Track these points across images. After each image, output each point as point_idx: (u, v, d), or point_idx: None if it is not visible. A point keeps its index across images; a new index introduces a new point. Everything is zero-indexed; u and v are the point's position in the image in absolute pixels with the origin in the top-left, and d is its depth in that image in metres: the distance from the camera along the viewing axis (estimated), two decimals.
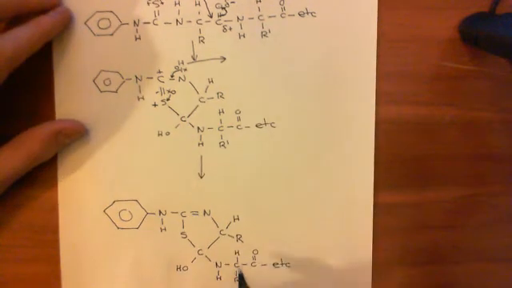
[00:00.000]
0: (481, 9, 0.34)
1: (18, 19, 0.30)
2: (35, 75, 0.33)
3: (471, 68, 0.34)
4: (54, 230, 0.34)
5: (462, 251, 0.36)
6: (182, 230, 0.34)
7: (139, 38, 0.33)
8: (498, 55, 0.31)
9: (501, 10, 0.33)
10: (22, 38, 0.28)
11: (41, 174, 0.33)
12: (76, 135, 0.32)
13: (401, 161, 0.35)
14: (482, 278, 0.36)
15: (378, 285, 0.35)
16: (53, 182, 0.34)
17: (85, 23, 0.32)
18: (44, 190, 0.34)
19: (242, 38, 0.33)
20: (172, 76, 0.33)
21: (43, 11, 0.31)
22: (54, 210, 0.34)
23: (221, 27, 0.33)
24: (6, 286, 0.34)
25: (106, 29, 0.32)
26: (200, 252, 0.35)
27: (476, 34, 0.32)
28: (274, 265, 0.35)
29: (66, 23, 0.32)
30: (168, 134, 0.33)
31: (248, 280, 0.34)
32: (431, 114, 0.35)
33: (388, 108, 0.34)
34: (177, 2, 0.33)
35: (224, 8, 0.33)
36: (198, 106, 0.33)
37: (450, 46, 0.34)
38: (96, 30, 0.32)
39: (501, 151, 0.35)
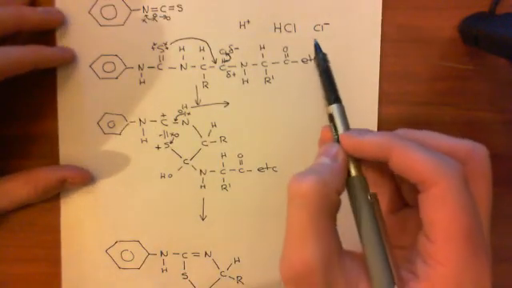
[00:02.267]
0: (481, 9, 0.34)
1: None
2: (36, 76, 0.33)
3: (471, 68, 0.34)
4: (54, 230, 0.34)
5: None
6: (183, 271, 0.35)
7: (143, 82, 0.33)
8: (498, 55, 0.31)
9: (501, 10, 0.33)
10: (13, 54, 0.28)
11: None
12: (81, 184, 0.33)
13: None
14: None
15: None
16: None
17: (90, 66, 0.33)
18: None
19: (245, 83, 0.33)
20: (175, 119, 0.33)
21: (44, 31, 0.32)
22: (54, 210, 0.34)
23: (225, 72, 0.33)
24: (6, 286, 0.34)
25: (110, 72, 0.33)
26: None
27: (476, 34, 0.32)
28: None
29: (66, 60, 0.32)
30: (171, 176, 0.34)
31: None
32: (431, 114, 0.35)
33: (388, 108, 0.34)
34: (181, 47, 0.33)
35: (228, 54, 0.33)
36: (200, 149, 0.34)
37: (450, 45, 0.34)
38: (101, 74, 0.33)
39: (501, 151, 0.35)
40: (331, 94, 0.25)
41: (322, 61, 0.26)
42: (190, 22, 0.33)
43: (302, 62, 0.33)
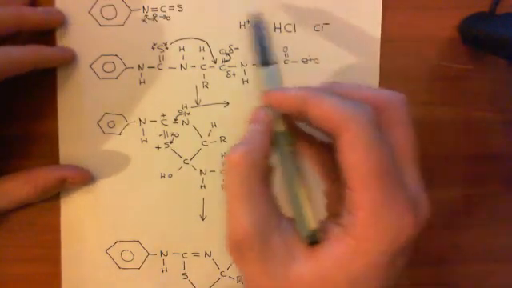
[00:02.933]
0: (481, 9, 0.34)
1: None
2: (36, 76, 0.33)
3: (471, 68, 0.34)
4: (54, 230, 0.34)
5: (462, 251, 0.36)
6: (183, 271, 0.35)
7: (143, 82, 0.33)
8: (498, 55, 0.31)
9: (501, 10, 0.33)
10: (13, 54, 0.28)
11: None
12: (81, 184, 0.33)
13: None
14: (481, 278, 0.36)
15: None
16: None
17: (90, 66, 0.33)
18: None
19: (245, 83, 0.33)
20: (175, 119, 0.33)
21: (44, 31, 0.32)
22: (54, 210, 0.34)
23: (225, 72, 0.33)
24: (6, 286, 0.34)
25: (110, 72, 0.33)
26: None
27: (476, 34, 0.32)
28: None
29: (66, 60, 0.32)
30: (171, 176, 0.34)
31: None
32: (431, 114, 0.35)
33: None
34: (181, 47, 0.33)
35: (228, 54, 0.33)
36: (200, 149, 0.34)
37: (450, 46, 0.34)
38: (101, 74, 0.33)
39: (501, 151, 0.35)
40: (263, 57, 0.25)
41: (257, 28, 0.25)
42: (190, 22, 0.33)
43: (302, 62, 0.33)
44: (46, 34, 0.32)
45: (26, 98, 0.33)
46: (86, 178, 0.33)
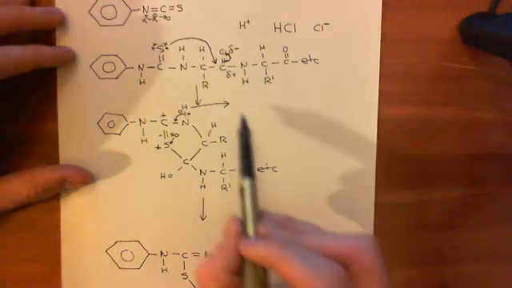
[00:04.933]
0: (481, 9, 0.34)
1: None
2: (36, 76, 0.33)
3: (471, 68, 0.34)
4: (54, 230, 0.34)
5: (461, 251, 0.36)
6: (183, 271, 0.35)
7: (143, 82, 0.33)
8: (498, 55, 0.31)
9: (501, 10, 0.33)
10: (13, 54, 0.28)
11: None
12: (81, 184, 0.33)
13: (401, 161, 0.35)
14: (481, 278, 0.37)
15: None
16: None
17: (90, 66, 0.33)
18: None
19: (245, 83, 0.33)
20: (175, 119, 0.33)
21: (44, 31, 0.32)
22: (54, 210, 0.34)
23: (225, 73, 0.33)
24: (6, 286, 0.34)
25: (110, 72, 0.33)
26: None
27: (476, 34, 0.32)
28: None
29: (66, 60, 0.32)
30: (170, 176, 0.34)
31: None
32: (431, 114, 0.35)
33: (388, 108, 0.34)
34: (181, 47, 0.33)
35: (228, 54, 0.33)
36: (200, 149, 0.34)
37: (450, 45, 0.34)
38: (101, 74, 0.33)
39: (501, 151, 0.35)
40: (247, 167, 0.25)
41: (244, 136, 0.26)
42: (190, 22, 0.33)
43: (302, 61, 0.33)
44: (45, 34, 0.32)
45: (26, 98, 0.33)
46: (86, 178, 0.33)
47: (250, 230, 0.25)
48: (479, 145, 0.35)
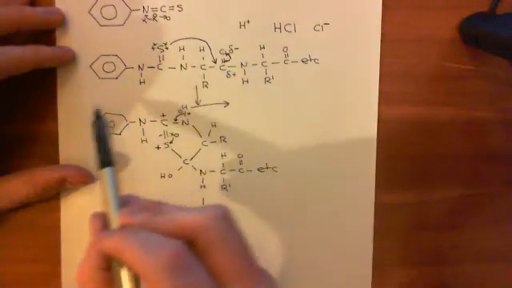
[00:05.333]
0: (481, 9, 0.34)
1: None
2: (36, 76, 0.33)
3: (471, 68, 0.34)
4: (54, 230, 0.34)
5: (461, 251, 0.36)
6: None
7: (143, 82, 0.33)
8: (498, 55, 0.31)
9: (501, 9, 0.33)
10: (13, 54, 0.28)
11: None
12: (81, 184, 0.33)
13: (401, 161, 0.35)
14: (481, 278, 0.36)
15: (378, 285, 0.35)
16: None
17: (90, 66, 0.33)
18: None
19: (245, 83, 0.33)
20: (175, 119, 0.33)
21: (44, 31, 0.31)
22: (54, 210, 0.34)
23: (225, 73, 0.33)
24: (6, 286, 0.34)
25: (110, 72, 0.33)
26: None
27: (476, 34, 0.32)
28: None
29: (67, 60, 0.32)
30: (171, 176, 0.34)
31: None
32: (431, 114, 0.35)
33: (388, 108, 0.34)
34: (181, 47, 0.33)
35: (228, 54, 0.33)
36: (200, 149, 0.34)
37: (450, 46, 0.34)
38: (101, 74, 0.33)
39: (501, 151, 0.35)
40: (102, 158, 0.25)
41: (97, 127, 0.25)
42: (190, 22, 0.33)
43: (302, 61, 0.33)
44: (45, 34, 0.32)
45: (26, 98, 0.33)
46: (85, 178, 0.33)
47: (113, 223, 0.24)
48: (479, 145, 0.35)
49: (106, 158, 0.25)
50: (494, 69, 0.35)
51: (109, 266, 0.23)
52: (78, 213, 0.34)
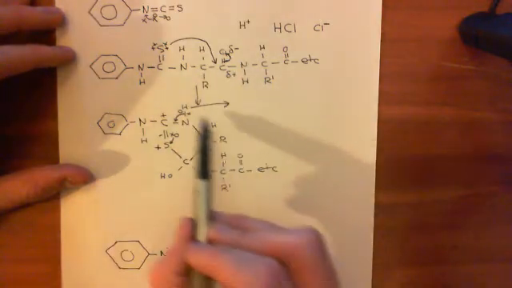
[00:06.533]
0: (481, 9, 0.34)
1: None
2: (36, 76, 0.33)
3: (471, 68, 0.34)
4: (54, 230, 0.34)
5: (461, 251, 0.36)
6: None
7: (143, 82, 0.33)
8: (498, 55, 0.31)
9: (501, 9, 0.33)
10: (13, 53, 0.28)
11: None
12: (81, 183, 0.33)
13: (401, 161, 0.35)
14: (481, 278, 0.37)
15: (378, 285, 0.35)
16: None
17: (90, 66, 0.33)
18: None
19: (245, 83, 0.33)
20: (175, 119, 0.33)
21: (44, 31, 0.31)
22: (54, 210, 0.34)
23: (225, 73, 0.33)
24: (6, 286, 0.34)
25: (110, 72, 0.33)
26: None
27: (476, 34, 0.32)
28: None
29: (67, 59, 0.32)
30: (170, 176, 0.34)
31: None
32: (431, 114, 0.35)
33: (388, 108, 0.34)
34: (181, 47, 0.33)
35: (228, 54, 0.33)
36: None
37: (450, 46, 0.34)
38: (101, 74, 0.33)
39: (501, 151, 0.36)
40: (203, 169, 0.25)
41: (204, 138, 0.26)
42: (190, 22, 0.33)
43: (302, 61, 0.33)
44: (45, 34, 0.32)
45: (26, 98, 0.33)
46: (86, 178, 0.33)
47: (201, 234, 0.25)
48: (479, 145, 0.35)
49: (206, 170, 0.25)
50: (494, 69, 0.35)
51: (187, 272, 0.24)
52: (78, 213, 0.34)
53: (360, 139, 0.34)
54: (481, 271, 0.36)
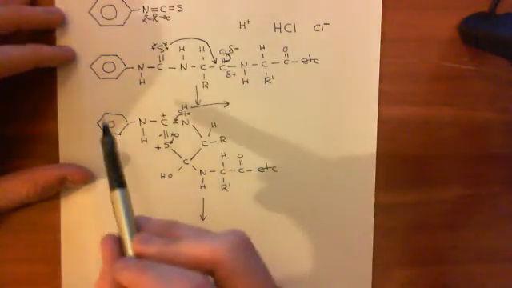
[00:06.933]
0: (481, 9, 0.34)
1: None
2: (36, 76, 0.33)
3: (471, 68, 0.34)
4: (54, 230, 0.34)
5: (462, 251, 0.36)
6: None
7: (143, 82, 0.33)
8: (498, 55, 0.31)
9: (501, 9, 0.33)
10: (13, 53, 0.28)
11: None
12: (81, 183, 0.33)
13: (401, 161, 0.35)
14: (481, 278, 0.37)
15: (378, 285, 0.35)
16: None
17: (90, 66, 0.33)
18: None
19: (245, 83, 0.33)
20: (175, 119, 0.33)
21: (44, 30, 0.31)
22: (54, 210, 0.34)
23: (225, 73, 0.33)
24: (6, 286, 0.34)
25: (110, 72, 0.33)
26: None
27: (476, 34, 0.32)
28: None
29: (67, 59, 0.32)
30: (170, 176, 0.34)
31: None
32: (431, 114, 0.35)
33: (388, 108, 0.34)
34: (181, 47, 0.33)
35: (228, 54, 0.33)
36: (200, 149, 0.34)
37: (450, 46, 0.34)
38: (101, 74, 0.33)
39: (501, 151, 0.36)
40: (115, 177, 0.24)
41: (107, 144, 0.24)
42: (189, 22, 0.33)
43: (302, 61, 0.33)
44: (45, 34, 0.32)
45: (26, 98, 0.33)
46: (86, 177, 0.33)
47: (128, 249, 0.24)
48: (479, 145, 0.35)
49: (118, 178, 0.24)
50: (494, 69, 0.35)
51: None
52: (77, 213, 0.34)
53: (360, 139, 0.34)
54: (481, 271, 0.36)
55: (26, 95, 0.33)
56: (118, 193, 0.24)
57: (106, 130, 0.24)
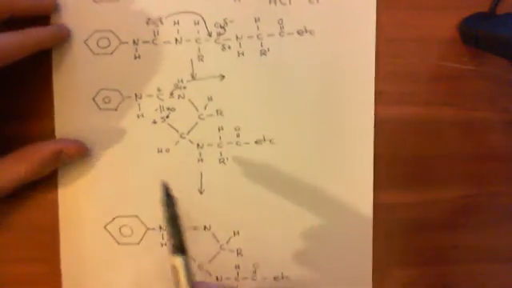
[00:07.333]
0: (481, 9, 0.34)
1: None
2: (34, 76, 0.33)
3: (471, 68, 0.34)
4: (54, 229, 0.34)
5: (462, 251, 0.36)
6: None
7: (139, 57, 0.33)
8: (498, 55, 0.31)
9: (501, 9, 0.33)
10: (8, 41, 0.28)
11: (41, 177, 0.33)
12: (77, 156, 0.33)
13: (401, 161, 0.35)
14: (482, 279, 0.36)
15: (378, 285, 0.35)
16: (53, 183, 0.34)
17: (84, 42, 0.33)
18: (44, 190, 0.34)
19: (240, 56, 0.33)
20: (171, 94, 0.33)
21: (36, 17, 0.31)
22: (54, 209, 0.34)
23: (220, 46, 0.33)
24: (6, 286, 0.34)
25: (105, 48, 0.33)
26: (200, 267, 0.35)
27: (476, 34, 0.32)
28: (274, 278, 0.35)
29: (62, 38, 0.32)
30: (168, 150, 0.34)
31: None
32: (431, 114, 0.35)
33: (388, 108, 0.34)
34: (176, 21, 0.33)
35: (223, 27, 0.33)
36: (197, 123, 0.34)
37: (450, 46, 0.34)
38: (95, 49, 0.33)
39: (501, 151, 0.35)
40: (177, 242, 0.24)
41: (169, 206, 0.25)
42: None
43: (298, 33, 0.33)
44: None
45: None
46: (81, 150, 0.32)
47: None
48: (479, 145, 0.35)
49: (180, 244, 0.24)
50: (494, 69, 0.35)
51: None
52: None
53: (358, 107, 0.34)
54: (481, 271, 0.36)
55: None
56: (180, 260, 0.24)
57: (167, 191, 0.25)
